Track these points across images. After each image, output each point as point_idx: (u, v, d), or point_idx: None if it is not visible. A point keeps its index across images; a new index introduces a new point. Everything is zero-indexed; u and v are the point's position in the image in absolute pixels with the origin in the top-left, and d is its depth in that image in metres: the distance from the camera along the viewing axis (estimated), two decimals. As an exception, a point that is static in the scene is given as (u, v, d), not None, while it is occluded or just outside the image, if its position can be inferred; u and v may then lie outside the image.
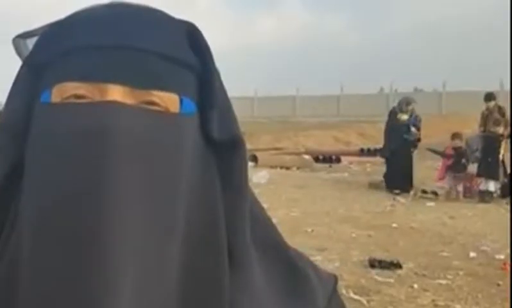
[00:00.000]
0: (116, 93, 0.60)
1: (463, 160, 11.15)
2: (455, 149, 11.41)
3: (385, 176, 12.13)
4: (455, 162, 11.24)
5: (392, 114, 12.50)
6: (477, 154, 11.22)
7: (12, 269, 0.61)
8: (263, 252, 0.70)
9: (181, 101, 0.64)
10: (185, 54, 0.65)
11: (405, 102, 12.48)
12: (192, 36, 0.66)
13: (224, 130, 0.67)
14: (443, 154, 11.91)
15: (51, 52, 0.64)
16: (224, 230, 0.65)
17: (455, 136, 11.74)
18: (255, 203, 0.72)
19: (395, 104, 13.37)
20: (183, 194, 0.62)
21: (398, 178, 11.55)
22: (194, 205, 0.63)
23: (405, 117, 12.11)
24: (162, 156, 0.60)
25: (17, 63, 0.69)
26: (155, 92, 0.62)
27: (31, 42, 0.68)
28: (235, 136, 0.68)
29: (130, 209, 0.57)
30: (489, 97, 11.75)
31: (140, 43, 0.62)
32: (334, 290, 0.77)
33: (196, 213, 0.63)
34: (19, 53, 0.70)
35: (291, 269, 0.73)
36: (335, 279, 0.78)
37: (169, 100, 0.63)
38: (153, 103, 0.62)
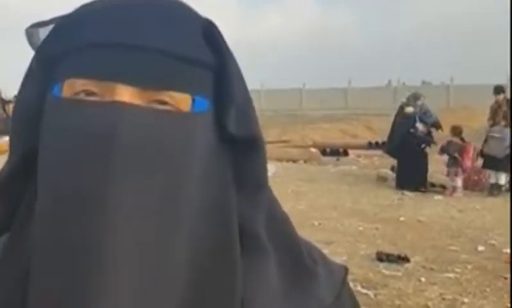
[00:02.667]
0: (125, 93, 0.60)
1: (455, 155, 10.97)
2: (448, 142, 11.24)
3: (397, 173, 11.78)
4: (449, 157, 11.09)
5: (400, 108, 12.23)
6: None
7: (26, 265, 0.61)
8: (276, 248, 0.70)
9: (193, 100, 0.63)
10: (200, 52, 0.64)
11: (414, 97, 12.13)
12: (208, 32, 0.65)
13: (243, 127, 0.66)
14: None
15: (64, 45, 0.63)
16: (237, 230, 0.64)
17: (452, 130, 11.57)
18: (272, 199, 0.72)
19: (404, 99, 13.21)
20: (194, 193, 0.61)
21: (407, 176, 11.21)
22: (205, 204, 0.63)
23: (410, 109, 11.79)
24: (170, 156, 0.60)
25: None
26: (166, 93, 0.61)
27: (43, 32, 0.67)
28: (254, 135, 0.67)
29: (137, 211, 0.57)
30: (499, 90, 11.65)
31: (152, 43, 0.61)
32: (343, 282, 0.76)
33: (208, 213, 0.63)
34: (32, 43, 0.69)
35: (302, 264, 0.72)
36: (345, 271, 0.78)
37: (180, 99, 0.62)
38: (163, 102, 0.61)
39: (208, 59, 0.64)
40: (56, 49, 0.64)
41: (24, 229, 0.64)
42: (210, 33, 0.65)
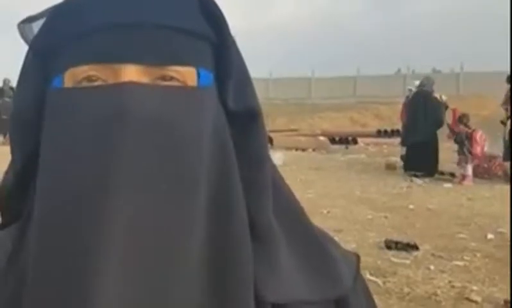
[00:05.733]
0: (131, 73, 0.59)
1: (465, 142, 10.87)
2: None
3: (406, 158, 11.54)
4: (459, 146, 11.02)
5: (428, 94, 11.49)
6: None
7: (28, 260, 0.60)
8: (287, 228, 0.68)
9: (198, 74, 0.63)
10: (198, 25, 0.63)
11: (430, 81, 11.70)
12: (204, 4, 0.64)
13: (241, 101, 0.66)
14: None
15: (59, 35, 0.62)
16: (243, 204, 0.63)
17: (458, 119, 11.42)
18: (278, 177, 0.70)
19: (412, 85, 12.99)
20: (204, 167, 0.60)
21: (423, 162, 11.04)
22: (213, 179, 0.61)
23: (445, 97, 11.44)
24: (182, 132, 0.59)
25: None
26: (171, 67, 0.61)
27: (36, 26, 0.66)
28: (252, 108, 0.66)
29: (151, 192, 0.56)
30: None
31: (151, 19, 0.60)
32: (358, 269, 0.75)
33: (216, 189, 0.61)
34: (25, 39, 0.68)
35: (316, 247, 0.71)
36: (357, 258, 0.77)
37: (186, 73, 0.61)
38: (169, 78, 0.61)
39: (207, 32, 0.64)
40: (52, 39, 0.63)
41: (28, 226, 0.63)
42: (206, 5, 0.64)
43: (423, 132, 11.14)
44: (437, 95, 11.60)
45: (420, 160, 11.09)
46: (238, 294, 0.61)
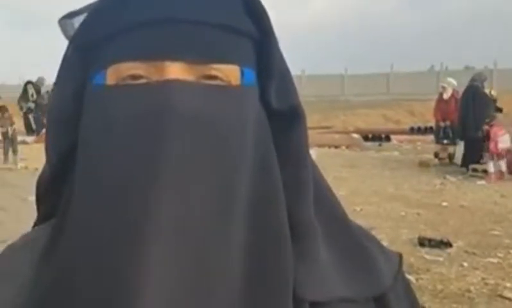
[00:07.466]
0: (175, 70, 0.58)
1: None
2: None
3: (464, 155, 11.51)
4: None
5: (478, 90, 11.50)
6: None
7: (67, 257, 0.59)
8: (326, 226, 0.67)
9: (242, 72, 0.62)
10: (242, 22, 0.62)
11: (484, 78, 11.83)
12: (248, 1, 0.63)
13: (283, 100, 0.65)
14: None
15: (101, 30, 0.61)
16: (284, 201, 0.62)
17: None
18: (319, 175, 0.70)
19: (445, 83, 12.92)
20: (247, 168, 0.60)
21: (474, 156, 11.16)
22: (255, 178, 0.60)
23: (494, 93, 11.51)
24: (226, 133, 0.58)
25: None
26: (215, 66, 0.59)
27: (77, 22, 0.65)
28: (294, 106, 0.65)
29: (194, 190, 0.55)
30: None
31: (195, 16, 0.59)
32: (400, 268, 0.73)
33: (257, 187, 0.60)
34: (66, 35, 0.67)
35: (356, 246, 0.69)
36: (400, 257, 0.74)
37: (229, 72, 0.60)
38: (213, 77, 0.60)
39: (250, 30, 0.62)
40: (93, 35, 0.62)
41: (65, 220, 0.61)
42: (250, 2, 0.63)
43: (472, 128, 11.17)
44: (487, 90, 11.60)
45: (475, 155, 11.12)
46: (277, 291, 0.59)
